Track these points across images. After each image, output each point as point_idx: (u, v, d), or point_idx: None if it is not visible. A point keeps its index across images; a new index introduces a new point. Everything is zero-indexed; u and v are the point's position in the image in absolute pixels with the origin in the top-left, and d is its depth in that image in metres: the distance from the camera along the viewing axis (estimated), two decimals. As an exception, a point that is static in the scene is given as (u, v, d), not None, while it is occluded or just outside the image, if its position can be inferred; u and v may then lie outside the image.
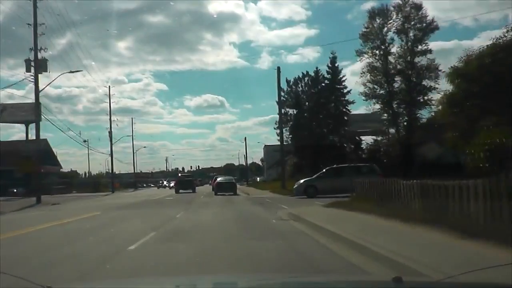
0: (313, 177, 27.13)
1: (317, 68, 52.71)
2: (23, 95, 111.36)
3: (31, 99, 41.00)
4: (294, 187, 27.44)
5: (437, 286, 2.94)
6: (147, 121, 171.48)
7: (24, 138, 47.94)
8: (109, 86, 62.27)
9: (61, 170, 67.42)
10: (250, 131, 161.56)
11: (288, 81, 50.23)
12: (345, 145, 49.28)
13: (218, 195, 34.58)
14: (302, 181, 27.12)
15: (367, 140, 47.57)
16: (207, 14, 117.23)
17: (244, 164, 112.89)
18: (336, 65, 50.07)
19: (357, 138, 48.42)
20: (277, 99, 43.27)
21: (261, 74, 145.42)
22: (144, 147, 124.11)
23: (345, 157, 42.55)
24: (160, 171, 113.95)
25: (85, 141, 53.76)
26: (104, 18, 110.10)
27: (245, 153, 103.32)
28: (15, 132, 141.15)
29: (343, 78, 50.13)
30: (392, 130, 43.43)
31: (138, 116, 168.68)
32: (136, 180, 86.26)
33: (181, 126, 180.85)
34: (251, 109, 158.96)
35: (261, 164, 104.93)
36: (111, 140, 60.91)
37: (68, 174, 72.44)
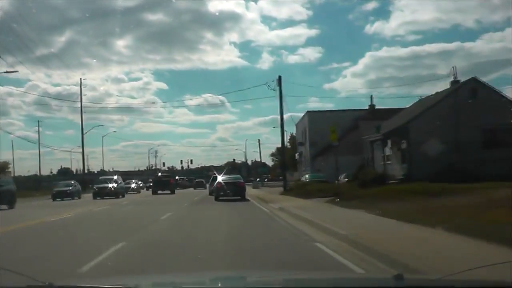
0: None
1: None
2: (23, 92, 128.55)
3: (30, 96, 32.75)
4: None
5: (438, 284, 2.81)
6: (147, 120, 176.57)
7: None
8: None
9: None
10: (250, 131, 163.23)
11: None
12: None
13: (220, 200, 26.64)
14: None
15: None
16: (208, 13, 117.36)
17: (245, 161, 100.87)
18: None
19: None
20: None
21: (262, 74, 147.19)
22: (114, 131, 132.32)
23: None
24: (152, 169, 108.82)
25: None
26: (103, 16, 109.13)
27: (280, 117, 38.84)
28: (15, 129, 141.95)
29: None
30: None
31: (138, 115, 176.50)
32: (87, 180, 60.25)
33: (181, 125, 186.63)
34: (251, 109, 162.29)
35: (297, 155, 63.36)
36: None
37: None
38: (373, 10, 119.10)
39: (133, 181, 56.19)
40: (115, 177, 41.86)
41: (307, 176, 40.37)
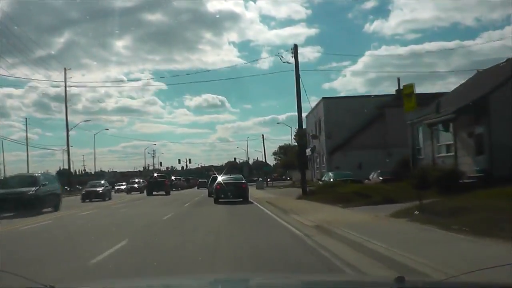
0: None
1: None
2: (22, 94, 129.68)
3: (29, 98, 25.58)
4: None
5: (440, 286, 2.80)
6: (147, 120, 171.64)
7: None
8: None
9: None
10: (250, 131, 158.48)
11: None
12: None
13: (220, 202, 24.60)
14: None
15: None
16: (207, 13, 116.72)
17: (247, 160, 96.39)
18: None
19: None
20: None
21: (261, 74, 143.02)
22: (106, 129, 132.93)
23: None
24: (149, 170, 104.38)
25: None
26: (102, 16, 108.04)
27: (296, 93, 28.76)
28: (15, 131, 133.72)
29: None
30: None
31: (137, 116, 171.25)
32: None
33: (181, 126, 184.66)
34: (251, 109, 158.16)
35: (308, 150, 50.56)
36: None
37: None
38: (372, 9, 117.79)
39: (102, 181, 40.08)
40: (39, 175, 25.42)
41: (331, 174, 32.65)
